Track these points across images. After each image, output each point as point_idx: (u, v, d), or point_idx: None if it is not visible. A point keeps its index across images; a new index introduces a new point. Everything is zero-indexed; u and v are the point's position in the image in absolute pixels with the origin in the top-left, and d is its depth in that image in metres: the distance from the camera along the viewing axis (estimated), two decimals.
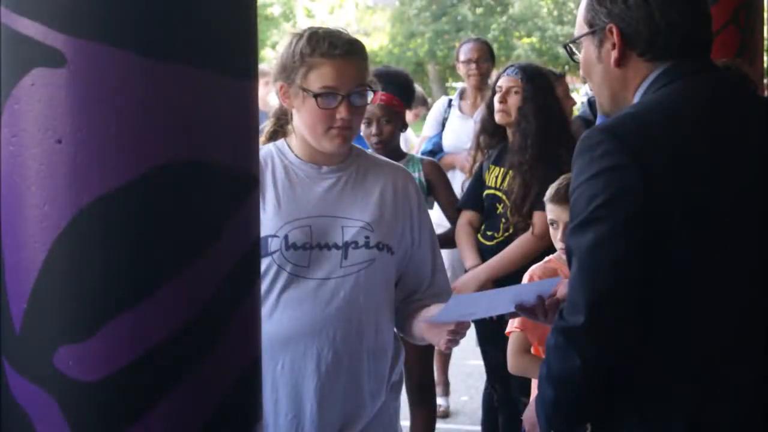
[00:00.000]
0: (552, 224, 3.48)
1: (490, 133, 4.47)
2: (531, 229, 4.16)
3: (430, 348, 4.43)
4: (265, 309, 2.60)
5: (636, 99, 2.07)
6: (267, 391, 2.52)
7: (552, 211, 3.45)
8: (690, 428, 1.94)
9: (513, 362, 3.50)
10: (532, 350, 3.46)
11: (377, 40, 28.23)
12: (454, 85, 25.01)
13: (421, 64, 27.95)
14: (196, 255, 1.65)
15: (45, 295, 1.64)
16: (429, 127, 5.88)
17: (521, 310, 2.39)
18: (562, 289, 2.31)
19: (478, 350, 4.83)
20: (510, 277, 4.02)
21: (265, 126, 2.96)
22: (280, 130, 2.91)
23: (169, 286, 1.63)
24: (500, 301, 2.48)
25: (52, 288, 1.64)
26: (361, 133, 4.30)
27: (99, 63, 1.60)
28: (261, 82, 4.30)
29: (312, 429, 2.64)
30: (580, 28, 2.15)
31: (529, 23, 26.98)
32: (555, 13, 27.67)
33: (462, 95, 5.82)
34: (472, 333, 4.38)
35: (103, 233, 1.61)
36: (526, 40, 27.04)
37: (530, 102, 4.25)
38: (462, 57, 5.79)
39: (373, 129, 4.30)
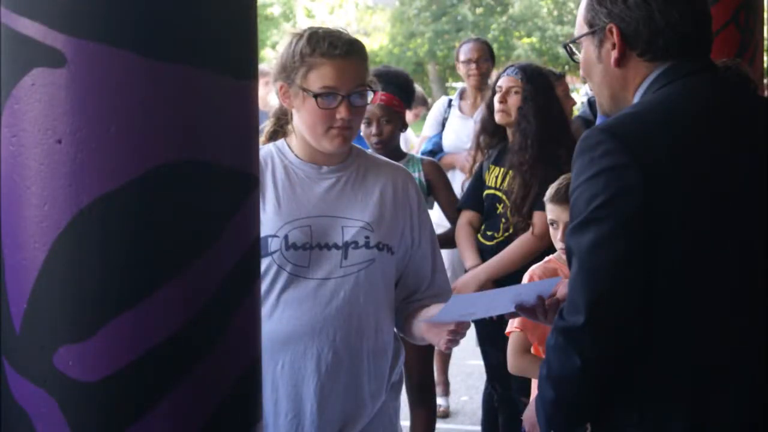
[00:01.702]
0: (552, 224, 3.48)
1: (490, 133, 4.47)
2: (531, 229, 4.15)
3: (430, 348, 4.43)
4: (265, 309, 2.60)
5: (636, 99, 2.07)
6: (267, 391, 2.52)
7: (552, 211, 3.45)
8: (690, 428, 1.94)
9: (513, 362, 3.50)
10: (532, 350, 3.46)
11: (377, 40, 28.24)
12: (454, 85, 25.03)
13: (421, 64, 27.96)
14: (196, 255, 1.65)
15: (45, 295, 1.64)
16: (429, 127, 5.88)
17: (521, 310, 2.39)
18: (562, 289, 2.31)
19: (478, 350, 4.83)
20: (510, 277, 4.02)
21: (265, 126, 2.96)
22: (280, 130, 2.90)
23: (169, 286, 1.63)
24: (500, 301, 2.48)
25: (52, 288, 1.64)
26: (361, 133, 4.30)
27: (99, 63, 1.60)
28: (261, 82, 4.29)
29: (312, 429, 2.64)
30: (580, 28, 2.15)
31: (529, 23, 27.00)
32: (555, 13, 27.69)
33: (462, 95, 5.82)
34: (472, 333, 4.38)
35: (103, 233, 1.61)
36: (526, 40, 27.05)
37: (530, 102, 4.24)
38: (462, 57, 5.79)
39: (373, 129, 4.29)
